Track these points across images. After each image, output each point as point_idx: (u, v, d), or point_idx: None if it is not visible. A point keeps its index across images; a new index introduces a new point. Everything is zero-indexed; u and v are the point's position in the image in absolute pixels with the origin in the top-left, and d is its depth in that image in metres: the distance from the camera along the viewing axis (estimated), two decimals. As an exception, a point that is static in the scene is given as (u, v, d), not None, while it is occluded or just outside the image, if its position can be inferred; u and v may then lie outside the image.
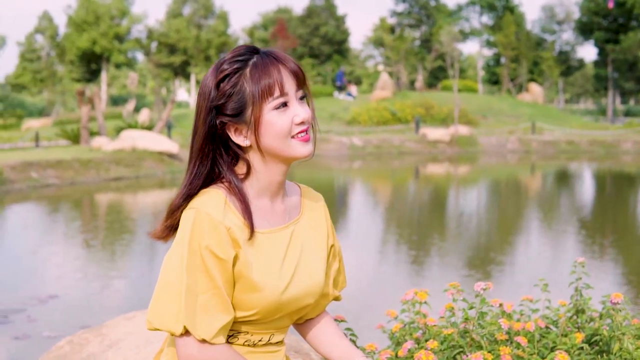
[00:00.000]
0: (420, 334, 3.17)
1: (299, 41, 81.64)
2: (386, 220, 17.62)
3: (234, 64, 2.29)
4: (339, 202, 21.28)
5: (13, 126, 47.24)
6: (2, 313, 8.99)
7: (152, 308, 2.26)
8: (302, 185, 2.65)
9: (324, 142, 37.38)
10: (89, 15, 75.26)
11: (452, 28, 70.14)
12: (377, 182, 27.79)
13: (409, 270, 11.68)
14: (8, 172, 21.96)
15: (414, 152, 37.64)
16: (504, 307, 3.19)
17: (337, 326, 2.67)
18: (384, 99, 50.56)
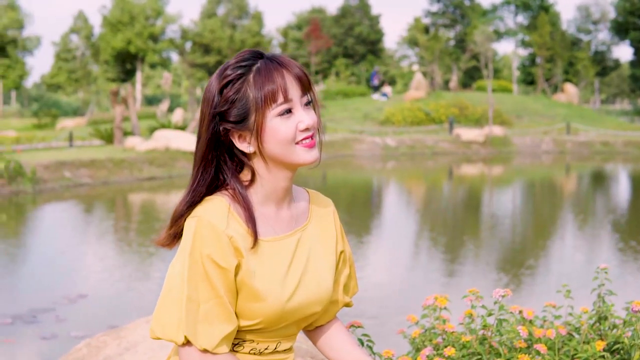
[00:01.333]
0: (440, 340, 3.13)
1: (333, 41, 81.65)
2: (419, 222, 17.55)
3: (238, 69, 2.25)
4: (372, 203, 21.23)
5: (47, 126, 47.52)
6: (32, 312, 9.03)
7: (155, 317, 2.24)
8: (311, 190, 2.60)
9: (356, 142, 37.35)
10: (124, 15, 75.63)
11: (487, 28, 69.88)
12: (411, 182, 27.70)
13: (441, 273, 11.60)
14: (41, 171, 22.08)
15: (447, 153, 37.48)
16: (523, 313, 3.13)
17: (348, 332, 2.63)
18: (417, 99, 50.39)
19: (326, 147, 35.12)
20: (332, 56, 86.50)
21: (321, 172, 29.54)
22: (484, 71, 66.70)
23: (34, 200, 20.12)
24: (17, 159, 21.68)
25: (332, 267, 2.49)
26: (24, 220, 17.74)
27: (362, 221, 17.02)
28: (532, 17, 79.26)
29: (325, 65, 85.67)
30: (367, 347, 2.94)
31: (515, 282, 10.63)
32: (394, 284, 10.82)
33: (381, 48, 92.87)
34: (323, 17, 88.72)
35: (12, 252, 13.58)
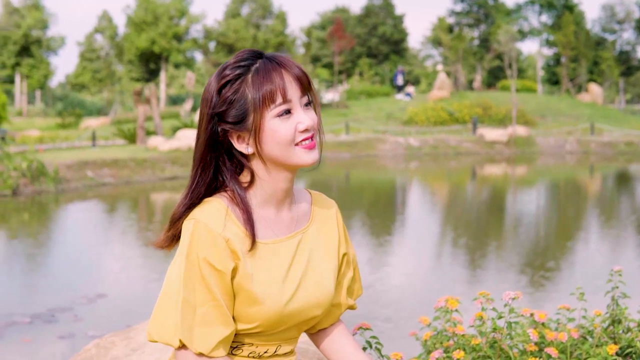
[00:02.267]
0: (452, 343, 3.09)
1: (357, 41, 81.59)
2: (442, 223, 17.48)
3: (236, 69, 2.22)
4: (395, 203, 21.18)
5: (71, 125, 47.72)
6: (50, 312, 9.04)
7: (152, 319, 2.22)
8: (314, 191, 2.56)
9: (380, 142, 37.29)
10: (148, 15, 75.88)
11: (510, 27, 69.56)
12: (434, 183, 27.62)
13: (461, 274, 11.54)
14: (64, 171, 22.17)
15: (470, 153, 37.36)
16: (535, 316, 3.08)
17: (351, 336, 2.59)
18: (441, 99, 50.31)
19: (349, 147, 35.37)
20: (356, 56, 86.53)
21: (344, 172, 29.53)
22: (507, 71, 66.43)
23: (57, 200, 20.19)
24: (39, 159, 21.76)
25: (334, 270, 2.45)
26: (46, 219, 17.79)
27: (385, 222, 16.97)
28: (557, 16, 78.98)
29: (348, 65, 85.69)
30: (375, 350, 2.90)
31: (535, 284, 10.57)
32: (413, 285, 10.78)
33: (405, 48, 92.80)
34: (347, 17, 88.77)
35: (34, 251, 13.63)
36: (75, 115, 49.51)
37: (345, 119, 45.98)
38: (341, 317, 2.60)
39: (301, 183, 25.87)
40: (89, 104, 68.35)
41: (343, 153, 35.15)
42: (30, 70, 74.53)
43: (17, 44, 74.44)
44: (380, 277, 11.16)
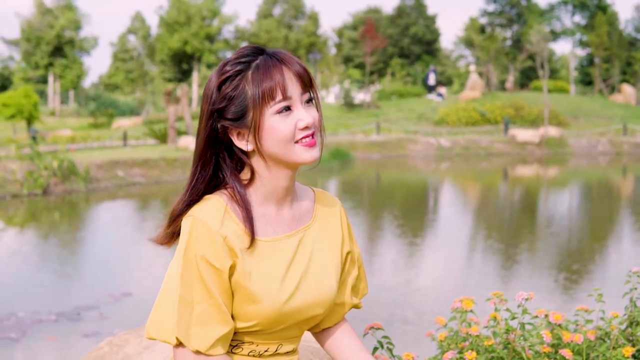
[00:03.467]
0: (467, 344, 3.06)
1: (388, 41, 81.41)
2: (473, 223, 17.39)
3: (237, 65, 2.19)
4: (426, 204, 21.11)
5: (104, 125, 47.96)
6: (76, 310, 9.09)
7: (150, 317, 2.21)
8: (317, 189, 2.53)
9: (410, 143, 37.21)
10: (180, 15, 76.05)
11: (542, 27, 69.10)
12: (465, 184, 27.51)
13: (490, 275, 11.48)
14: (95, 170, 22.28)
15: (502, 154, 37.19)
16: (550, 317, 3.03)
17: (356, 335, 2.55)
18: (473, 100, 50.11)
19: (379, 147, 35.33)
20: (388, 56, 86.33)
21: (374, 172, 29.49)
22: (540, 71, 66.01)
23: (87, 199, 20.30)
24: (70, 158, 21.89)
25: (337, 268, 2.42)
26: (76, 218, 17.89)
27: (415, 223, 16.91)
28: (590, 16, 78.37)
29: (380, 65, 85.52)
30: (387, 350, 2.87)
31: (565, 286, 10.50)
32: (440, 286, 10.72)
33: (437, 48, 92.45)
34: (379, 17, 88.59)
35: (63, 250, 13.71)
36: (107, 115, 49.74)
37: (377, 119, 45.93)
38: (364, 318, 2.57)
39: (332, 182, 25.87)
40: (122, 104, 68.68)
41: (374, 153, 35.10)
42: (63, 71, 74.88)
43: (50, 45, 74.80)
44: (408, 278, 11.12)
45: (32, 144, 24.39)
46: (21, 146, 24.38)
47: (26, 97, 34.11)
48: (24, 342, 7.89)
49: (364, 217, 17.89)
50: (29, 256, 13.16)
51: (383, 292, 10.28)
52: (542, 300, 9.56)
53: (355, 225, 16.54)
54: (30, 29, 75.01)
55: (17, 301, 9.66)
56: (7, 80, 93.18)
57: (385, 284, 10.83)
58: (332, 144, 33.62)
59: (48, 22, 75.44)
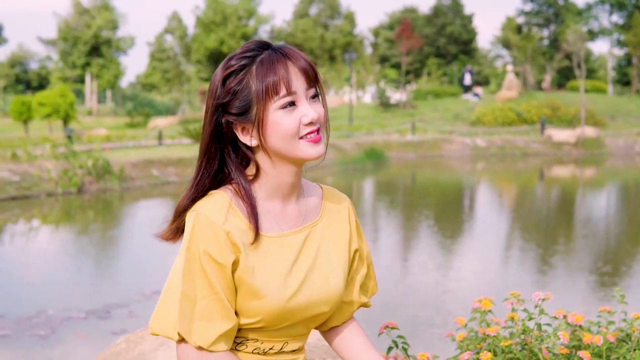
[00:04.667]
0: (485, 344, 3.02)
1: (424, 41, 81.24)
2: (508, 224, 17.26)
3: (242, 60, 2.18)
4: (462, 204, 21.02)
5: (140, 124, 48.18)
6: (106, 308, 9.12)
7: (154, 313, 2.20)
8: (326, 186, 2.50)
9: (446, 143, 37.07)
10: (217, 15, 76.38)
11: (579, 27, 68.62)
12: (501, 184, 27.35)
13: (524, 276, 11.39)
14: (129, 169, 22.38)
15: (538, 154, 36.94)
16: (568, 318, 2.97)
17: (364, 334, 2.52)
18: (509, 99, 49.83)
19: (415, 147, 35.23)
20: (424, 56, 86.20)
21: (410, 172, 29.42)
22: (576, 71, 65.60)
23: (121, 198, 20.40)
24: (105, 157, 22.00)
25: (344, 266, 2.39)
26: (109, 217, 17.97)
27: (451, 223, 16.82)
28: (628, 16, 77.74)
29: (417, 65, 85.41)
30: (401, 350, 2.83)
31: (596, 288, 10.39)
32: (473, 287, 10.65)
33: (474, 48, 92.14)
34: (415, 17, 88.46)
35: (96, 248, 13.78)
36: (144, 114, 49.97)
37: (412, 119, 45.80)
38: (399, 318, 2.54)
39: (366, 182, 25.84)
40: (159, 104, 69.01)
41: (409, 153, 35.00)
42: (100, 70, 75.44)
43: (87, 44, 75.38)
44: (439, 279, 11.06)
45: (67, 143, 24.57)
46: (56, 145, 24.55)
47: (62, 97, 34.35)
48: (52, 339, 7.92)
49: (399, 217, 17.83)
50: (62, 254, 13.25)
51: (413, 292, 10.24)
52: (577, 303, 9.48)
53: (390, 225, 16.49)
54: (68, 29, 75.65)
55: (48, 299, 9.72)
56: (44, 79, 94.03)
57: (416, 284, 10.78)
58: (367, 144, 33.56)
59: (85, 22, 76.05)
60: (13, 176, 20.27)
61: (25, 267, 12.15)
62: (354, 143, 33.50)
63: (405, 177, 27.95)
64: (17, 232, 15.89)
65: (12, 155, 22.16)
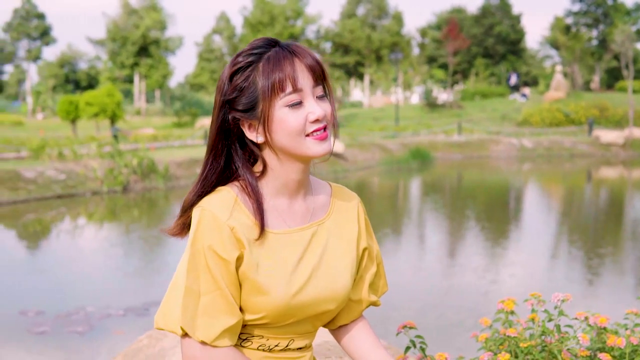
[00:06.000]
0: (506, 346, 2.99)
1: (471, 41, 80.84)
2: (556, 226, 17.09)
3: (249, 57, 2.17)
4: (508, 205, 20.88)
5: (187, 124, 48.48)
6: (145, 305, 9.17)
7: (160, 307, 2.20)
8: (335, 184, 2.48)
9: (492, 143, 36.89)
10: (264, 16, 76.50)
11: (627, 27, 67.87)
12: (548, 185, 27.14)
13: (569, 279, 11.28)
14: (174, 168, 22.52)
15: (585, 155, 36.64)
16: (590, 320, 2.93)
17: (373, 333, 2.50)
18: (557, 100, 49.53)
19: (461, 147, 35.10)
20: (472, 56, 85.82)
21: (456, 172, 29.30)
22: (624, 72, 64.92)
23: (166, 196, 20.53)
24: (150, 156, 22.16)
25: (352, 264, 2.37)
26: (153, 215, 18.09)
27: (496, 224, 16.69)
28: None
29: (465, 65, 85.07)
30: (419, 350, 2.80)
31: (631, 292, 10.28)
32: (513, 288, 10.56)
33: (522, 48, 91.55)
34: (463, 17, 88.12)
35: (139, 246, 13.86)
36: (191, 114, 50.27)
37: (459, 119, 45.65)
38: (432, 319, 2.53)
39: (412, 182, 25.77)
40: (207, 104, 69.36)
41: (455, 154, 34.90)
42: (148, 70, 75.94)
43: (135, 45, 75.93)
44: (480, 280, 10.99)
45: (113, 142, 24.76)
46: (102, 144, 24.76)
47: (109, 96, 34.63)
48: (89, 336, 7.98)
49: (445, 218, 17.76)
50: (105, 252, 13.35)
51: (451, 294, 10.19)
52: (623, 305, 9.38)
53: (435, 226, 16.42)
54: (116, 29, 76.25)
55: (88, 296, 9.79)
56: (93, 79, 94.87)
57: (456, 285, 10.73)
58: (412, 144, 33.50)
59: (134, 22, 76.61)
60: (59, 175, 20.48)
61: (69, 265, 12.26)
62: (399, 143, 33.47)
63: (450, 178, 27.84)
64: (62, 230, 16.05)
65: (58, 154, 22.40)
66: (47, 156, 22.50)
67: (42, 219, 16.96)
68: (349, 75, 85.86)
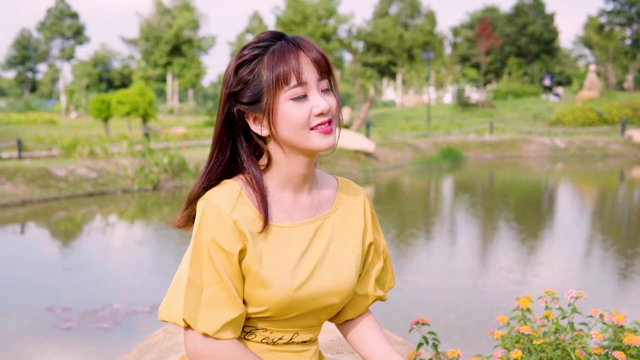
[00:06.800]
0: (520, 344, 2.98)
1: (506, 40, 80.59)
2: (588, 227, 16.94)
3: (254, 50, 2.19)
4: (541, 205, 20.77)
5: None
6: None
7: (164, 299, 2.23)
8: (342, 178, 2.49)
9: (524, 143, 36.70)
10: (297, 15, 76.64)
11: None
12: (581, 185, 26.95)
13: (603, 279, 11.20)
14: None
15: (618, 155, 36.36)
16: (605, 318, 2.90)
17: (379, 328, 2.51)
18: (590, 100, 49.21)
19: (492, 147, 34.96)
20: (505, 55, 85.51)
21: (487, 172, 29.19)
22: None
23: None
24: (181, 155, 22.24)
25: (358, 258, 2.38)
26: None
27: (529, 224, 16.58)
28: None
29: (498, 64, 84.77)
30: (432, 347, 2.79)
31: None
32: (540, 289, 10.50)
33: (556, 47, 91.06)
34: (496, 16, 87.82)
35: (168, 243, 13.91)
36: (221, 113, 50.32)
37: (491, 119, 45.50)
38: (454, 317, 2.52)
39: (443, 181, 25.71)
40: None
41: (486, 153, 34.76)
42: (181, 70, 76.29)
43: (168, 44, 76.30)
44: (507, 279, 10.94)
45: (144, 140, 24.86)
46: (133, 143, 24.87)
47: (141, 95, 34.75)
48: (114, 332, 8.02)
49: (476, 217, 17.70)
50: (134, 249, 13.41)
51: (478, 292, 10.15)
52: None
53: (466, 226, 16.36)
54: (149, 29, 76.68)
55: (115, 293, 9.84)
56: (127, 78, 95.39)
57: (483, 284, 10.69)
58: (444, 144, 33.42)
59: (167, 21, 76.98)
60: (90, 173, 20.60)
61: (97, 262, 12.33)
62: (430, 143, 33.40)
63: (482, 177, 27.73)
64: (92, 227, 16.14)
65: (89, 152, 22.52)
66: (78, 154, 22.62)
67: (73, 216, 17.06)
68: (382, 75, 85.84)
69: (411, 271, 11.40)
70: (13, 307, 9.27)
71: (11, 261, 12.30)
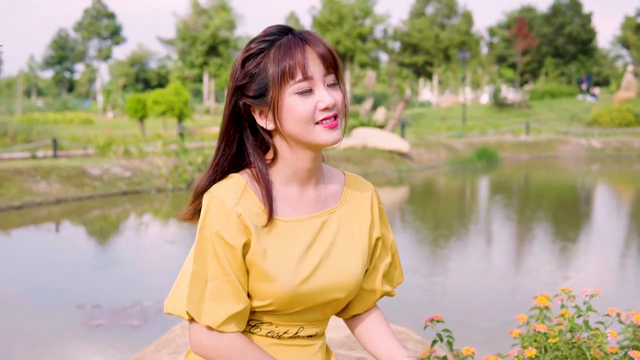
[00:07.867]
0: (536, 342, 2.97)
1: (543, 40, 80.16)
2: (624, 229, 16.79)
3: (261, 43, 2.19)
4: (577, 207, 20.63)
5: (254, 123, 48.68)
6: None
7: (171, 292, 2.26)
8: (350, 173, 2.48)
9: (560, 144, 36.49)
10: (333, 15, 76.54)
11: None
12: (617, 186, 26.73)
13: (632, 281, 11.12)
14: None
15: (655, 156, 36.06)
16: (622, 316, 2.87)
17: (386, 323, 2.50)
18: (627, 100, 48.83)
19: (528, 147, 34.80)
20: (542, 56, 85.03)
21: (523, 173, 29.06)
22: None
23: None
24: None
25: (364, 253, 2.37)
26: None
27: (565, 226, 16.47)
28: None
29: (534, 65, 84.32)
30: (446, 344, 2.78)
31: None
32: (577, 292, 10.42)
33: (593, 47, 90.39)
34: (533, 16, 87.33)
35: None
36: (258, 113, 50.53)
37: (527, 119, 45.28)
38: (479, 316, 2.52)
39: (479, 182, 25.61)
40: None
41: (522, 154, 34.60)
42: (218, 70, 76.48)
43: (205, 44, 76.49)
44: (537, 280, 10.89)
45: (179, 140, 24.98)
46: (168, 142, 24.99)
47: (177, 95, 34.89)
48: (143, 329, 8.07)
49: (512, 218, 17.61)
50: (166, 248, 13.48)
51: (508, 293, 10.11)
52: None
53: (500, 227, 16.28)
54: (186, 29, 76.94)
55: (145, 291, 9.90)
56: (163, 79, 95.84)
57: (514, 285, 10.64)
58: (479, 144, 33.29)
59: (203, 22, 77.20)
60: (125, 172, 20.74)
61: (130, 260, 12.42)
62: (466, 143, 33.29)
63: (518, 178, 27.59)
64: (127, 226, 16.26)
65: (124, 151, 22.66)
66: (113, 153, 22.77)
67: (107, 215, 17.19)
68: (418, 75, 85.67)
69: (442, 271, 11.38)
70: (45, 303, 9.36)
71: (45, 259, 12.41)
